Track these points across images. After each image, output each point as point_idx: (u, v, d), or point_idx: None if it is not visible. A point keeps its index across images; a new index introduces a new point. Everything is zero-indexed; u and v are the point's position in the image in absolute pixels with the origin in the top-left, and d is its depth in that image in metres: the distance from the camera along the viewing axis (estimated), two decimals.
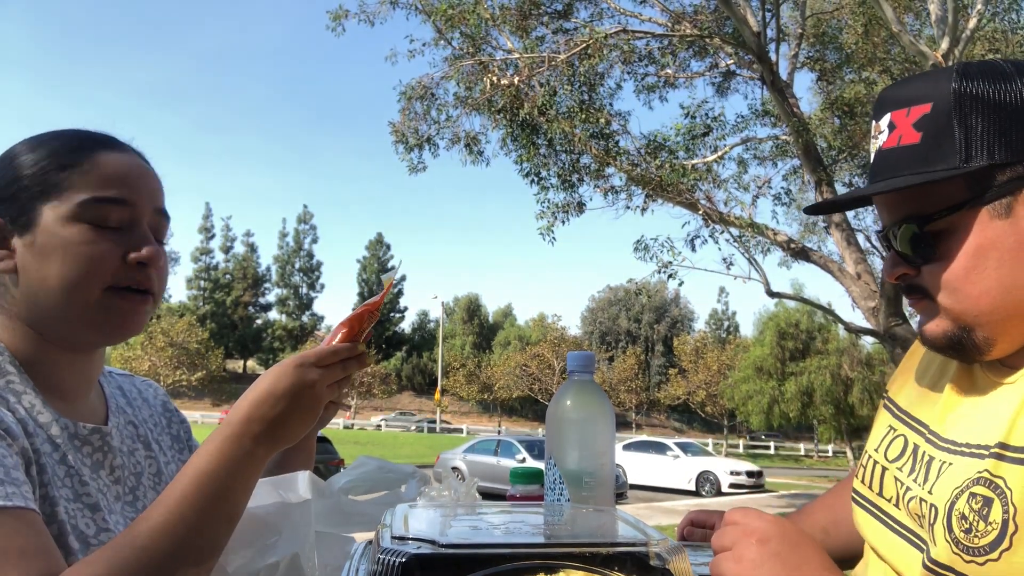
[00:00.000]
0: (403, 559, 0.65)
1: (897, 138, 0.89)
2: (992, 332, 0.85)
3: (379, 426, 53.18)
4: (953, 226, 0.85)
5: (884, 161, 0.90)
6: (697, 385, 48.27)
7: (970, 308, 0.85)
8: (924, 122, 0.86)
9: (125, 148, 1.04)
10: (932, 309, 0.89)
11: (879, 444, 1.01)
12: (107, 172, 0.99)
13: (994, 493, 0.77)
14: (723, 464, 23.46)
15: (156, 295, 1.03)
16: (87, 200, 0.96)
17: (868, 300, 9.40)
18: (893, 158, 0.89)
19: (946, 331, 0.88)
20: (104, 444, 1.02)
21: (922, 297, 0.90)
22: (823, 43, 12.46)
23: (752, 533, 0.83)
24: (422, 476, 1.15)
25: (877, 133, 0.92)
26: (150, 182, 1.04)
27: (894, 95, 0.91)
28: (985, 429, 0.83)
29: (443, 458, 20.52)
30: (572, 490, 1.10)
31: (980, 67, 0.85)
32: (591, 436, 1.13)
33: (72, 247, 0.94)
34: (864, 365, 30.39)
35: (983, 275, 0.84)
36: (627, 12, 11.47)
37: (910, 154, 0.87)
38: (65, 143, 1.00)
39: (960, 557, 0.78)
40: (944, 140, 0.85)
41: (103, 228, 0.96)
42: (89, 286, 0.95)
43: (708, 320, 74.96)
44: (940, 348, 0.90)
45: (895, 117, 0.90)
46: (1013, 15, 11.04)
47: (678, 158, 10.66)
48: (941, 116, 0.85)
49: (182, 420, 1.26)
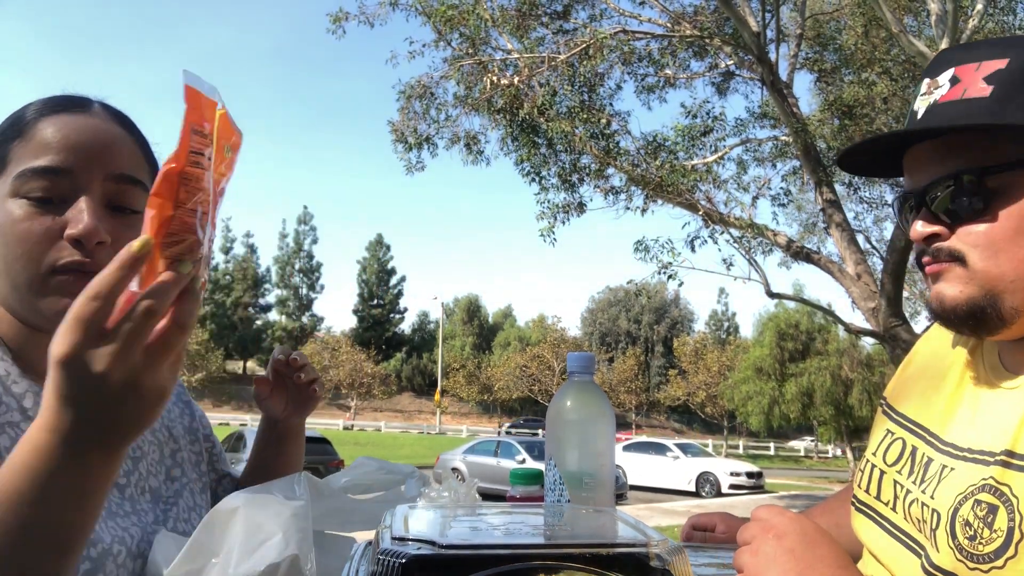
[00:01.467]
0: (403, 560, 0.64)
1: (961, 91, 0.86)
2: (1021, 302, 0.83)
3: (379, 428, 53.20)
4: (1008, 184, 0.83)
5: (941, 113, 0.87)
6: (697, 386, 48.24)
7: (1008, 272, 0.82)
8: (998, 76, 0.84)
9: (85, 110, 0.94)
10: (958, 274, 0.86)
11: (877, 448, 1.01)
12: (44, 139, 0.89)
13: (999, 500, 0.77)
14: (723, 465, 23.45)
15: None
16: (20, 172, 0.88)
17: (868, 301, 9.40)
18: (954, 109, 0.86)
19: (971, 297, 0.85)
20: None
21: (949, 260, 0.87)
22: (822, 44, 12.46)
23: (771, 529, 0.83)
24: (421, 476, 1.15)
25: (933, 89, 0.89)
26: (106, 146, 0.92)
27: (959, 53, 0.89)
28: (989, 435, 0.82)
29: (443, 459, 20.52)
30: (572, 491, 1.10)
31: None
32: (591, 437, 1.13)
33: (10, 225, 0.87)
34: (864, 366, 30.37)
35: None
36: (627, 13, 11.48)
37: (975, 106, 0.84)
38: (19, 113, 0.93)
39: (964, 564, 0.77)
40: (1016, 95, 0.82)
41: (41, 202, 0.88)
42: (29, 267, 0.87)
43: (708, 321, 74.97)
44: (959, 317, 0.87)
45: (960, 71, 0.87)
46: (1010, 16, 11.04)
47: (678, 158, 10.66)
48: (1017, 72, 0.83)
49: (201, 415, 1.24)
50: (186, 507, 1.06)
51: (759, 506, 0.89)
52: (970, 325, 0.87)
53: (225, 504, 0.80)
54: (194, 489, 1.10)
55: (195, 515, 1.06)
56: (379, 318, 74.59)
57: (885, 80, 11.38)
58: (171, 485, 1.05)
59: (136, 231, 0.95)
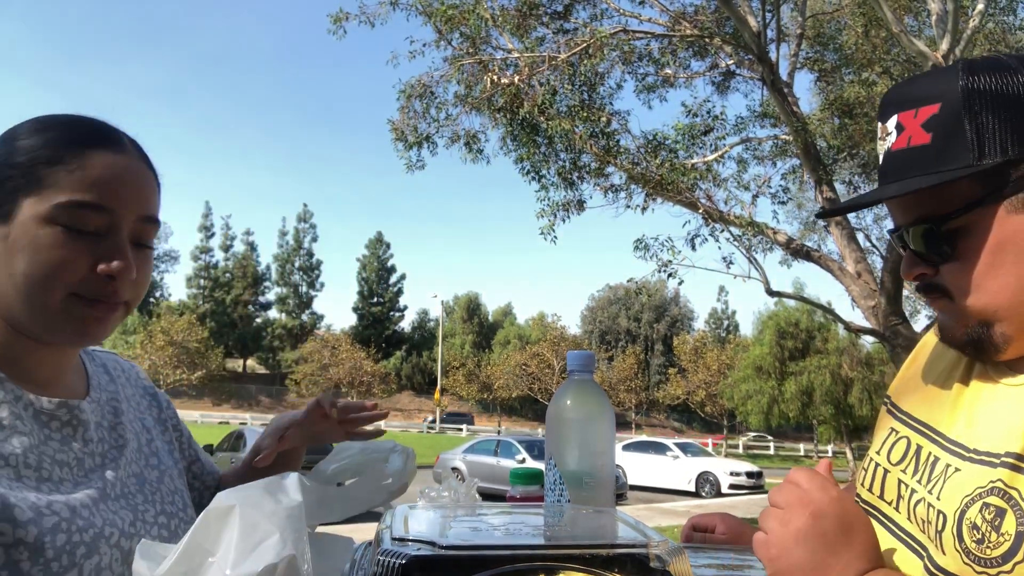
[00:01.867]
0: (403, 560, 0.64)
1: (907, 139, 0.88)
2: (1011, 328, 0.84)
3: (379, 426, 53.13)
4: (970, 224, 0.84)
5: (894, 162, 0.89)
6: (697, 385, 48.26)
7: (990, 304, 0.84)
8: (933, 122, 0.85)
9: (122, 147, 1.00)
10: (951, 308, 0.89)
11: (881, 447, 1.01)
12: (92, 175, 0.95)
13: (1008, 504, 0.76)
14: (723, 465, 23.46)
15: (130, 303, 1.00)
16: (64, 203, 0.93)
17: (868, 299, 9.40)
18: (904, 159, 0.88)
19: (966, 328, 0.87)
20: (73, 418, 1.00)
21: (940, 296, 0.89)
22: (823, 43, 12.46)
23: (809, 504, 0.83)
24: (404, 449, 1.17)
25: (884, 135, 0.92)
26: (140, 188, 1.00)
27: (899, 96, 0.90)
28: (996, 436, 0.82)
29: (443, 458, 20.52)
30: (572, 491, 1.10)
31: (984, 63, 0.84)
32: (591, 436, 1.13)
33: (42, 249, 0.92)
34: (864, 365, 30.35)
35: (1002, 271, 0.83)
36: (627, 13, 11.47)
37: (921, 155, 0.86)
38: (61, 135, 0.97)
39: (971, 568, 0.77)
40: (956, 139, 0.84)
41: (78, 232, 0.93)
42: (51, 290, 0.93)
43: (708, 319, 75.01)
44: (960, 346, 0.90)
45: (903, 119, 0.89)
46: (1011, 16, 11.04)
47: (678, 157, 10.66)
48: (951, 115, 0.84)
49: (168, 403, 1.28)
50: (169, 491, 1.10)
51: (799, 468, 0.89)
52: (971, 352, 0.90)
53: (219, 502, 0.79)
54: (172, 475, 1.15)
55: (178, 498, 1.11)
56: (379, 316, 74.61)
57: (885, 80, 11.37)
58: (152, 471, 1.10)
59: (149, 264, 1.07)
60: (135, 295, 1.01)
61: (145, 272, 1.02)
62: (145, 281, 1.03)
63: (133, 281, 0.98)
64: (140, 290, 1.02)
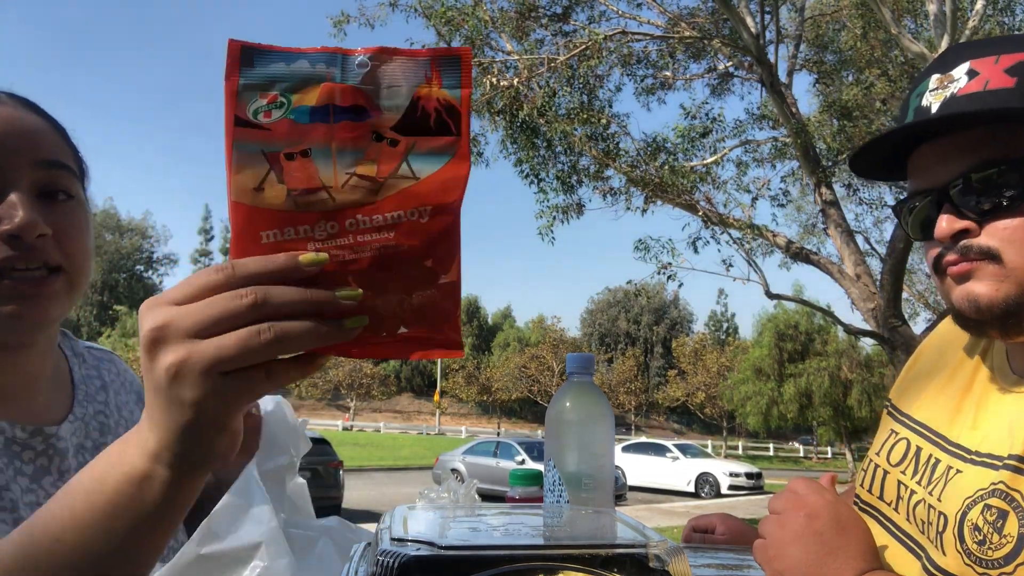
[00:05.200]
0: (402, 560, 0.64)
1: (983, 83, 0.82)
2: None
3: (378, 429, 53.15)
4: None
5: (965, 105, 0.82)
6: (696, 387, 48.24)
7: None
8: (1021, 67, 0.81)
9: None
10: (992, 271, 0.82)
11: (881, 448, 1.01)
12: None
13: (1010, 506, 0.76)
14: (722, 466, 23.47)
15: (66, 267, 0.85)
16: None
17: (867, 302, 9.40)
18: (978, 101, 0.82)
19: (1008, 295, 0.81)
20: (48, 448, 0.88)
21: (979, 257, 0.82)
22: (822, 45, 12.47)
23: (804, 506, 0.84)
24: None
25: (946, 83, 0.85)
26: (24, 134, 0.84)
27: (971, 46, 0.86)
28: (998, 439, 0.81)
29: (442, 460, 20.51)
30: (571, 492, 1.10)
31: None
32: (590, 438, 1.13)
33: None
34: (863, 367, 30.38)
35: None
36: (626, 15, 11.48)
37: (1003, 96, 0.80)
38: None
39: (972, 569, 0.77)
40: None
41: None
42: None
43: (707, 322, 74.97)
44: (994, 316, 0.82)
45: (978, 65, 0.84)
46: (1010, 17, 11.05)
47: (678, 160, 10.67)
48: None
49: None
50: None
51: (797, 478, 0.89)
52: (1003, 325, 0.82)
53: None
54: None
55: None
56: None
57: (884, 81, 11.38)
58: None
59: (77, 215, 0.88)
60: (69, 256, 0.85)
61: (69, 226, 0.86)
62: (78, 237, 0.87)
63: (56, 240, 0.84)
64: (74, 249, 0.86)
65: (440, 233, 0.57)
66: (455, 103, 0.56)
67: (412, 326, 0.57)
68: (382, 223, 0.56)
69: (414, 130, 0.56)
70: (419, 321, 0.57)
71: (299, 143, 0.54)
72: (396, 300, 0.57)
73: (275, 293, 0.52)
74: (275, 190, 0.54)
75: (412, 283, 0.57)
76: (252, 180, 0.54)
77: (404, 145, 0.56)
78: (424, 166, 0.56)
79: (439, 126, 0.56)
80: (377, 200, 0.55)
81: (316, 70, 0.54)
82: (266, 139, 0.54)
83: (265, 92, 0.54)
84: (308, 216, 0.55)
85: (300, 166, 0.54)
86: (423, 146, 0.56)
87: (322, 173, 0.54)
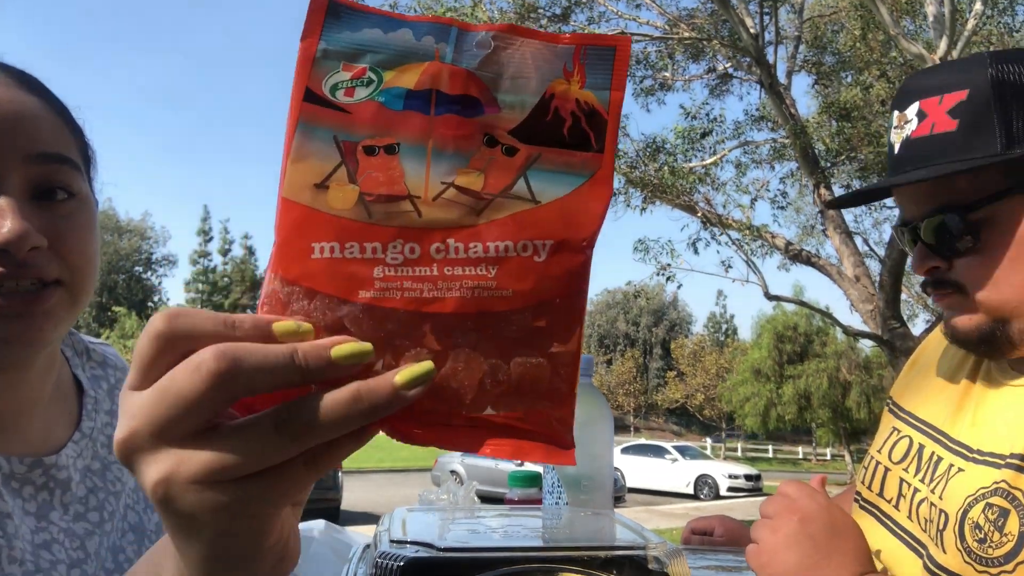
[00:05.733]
0: (401, 563, 0.64)
1: (930, 126, 0.86)
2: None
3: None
4: (993, 216, 0.83)
5: (914, 149, 0.87)
6: (695, 388, 48.25)
7: (1009, 299, 0.83)
8: (960, 109, 0.83)
9: None
10: (963, 303, 0.87)
11: (882, 446, 1.01)
12: None
13: (1011, 505, 0.76)
14: (721, 468, 23.48)
15: (66, 280, 0.73)
16: None
17: (866, 303, 9.40)
18: (925, 146, 0.86)
19: (979, 325, 0.85)
20: (49, 480, 0.76)
21: (952, 291, 0.87)
22: (820, 46, 12.49)
23: (797, 511, 0.83)
24: None
25: (903, 123, 0.89)
26: (14, 121, 0.70)
27: (921, 84, 0.89)
28: (1000, 437, 0.82)
29: (441, 461, 20.50)
30: (570, 493, 1.10)
31: (1012, 55, 0.83)
32: (589, 439, 1.13)
33: None
34: (862, 368, 30.40)
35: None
36: (625, 16, 11.50)
37: (946, 142, 0.84)
38: None
39: (972, 567, 0.77)
40: (983, 127, 0.82)
41: None
42: None
43: (706, 323, 74.99)
44: (971, 343, 0.88)
45: (926, 105, 0.87)
46: (1009, 18, 11.06)
47: (677, 160, 10.69)
48: (979, 103, 0.82)
49: None
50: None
51: (787, 481, 0.89)
52: (982, 349, 0.88)
53: None
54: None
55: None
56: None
57: (883, 83, 11.39)
58: (152, 515, 0.88)
59: (79, 217, 0.74)
60: (69, 265, 0.73)
61: (69, 231, 0.73)
62: (80, 243, 0.74)
63: (53, 249, 0.71)
64: (74, 257, 0.73)
65: (560, 280, 0.43)
66: (601, 109, 0.43)
67: (504, 408, 0.42)
68: (481, 256, 0.42)
69: (541, 138, 0.43)
70: (516, 402, 0.42)
71: (386, 134, 0.42)
72: (486, 367, 0.42)
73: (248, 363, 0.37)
74: (344, 191, 0.42)
75: (512, 346, 0.42)
76: (315, 174, 0.42)
77: (524, 156, 0.43)
78: (549, 187, 0.43)
79: (576, 136, 0.43)
80: (479, 223, 0.42)
81: (421, 44, 0.42)
82: (344, 124, 0.42)
83: (351, 63, 0.42)
84: (382, 231, 0.41)
85: (383, 164, 0.42)
86: (551, 160, 0.43)
87: (410, 177, 0.42)
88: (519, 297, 0.42)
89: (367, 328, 0.41)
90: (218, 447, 0.37)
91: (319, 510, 7.53)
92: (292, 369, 0.37)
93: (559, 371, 0.43)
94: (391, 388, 0.38)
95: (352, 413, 0.38)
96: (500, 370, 0.42)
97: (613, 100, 0.43)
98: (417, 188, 0.42)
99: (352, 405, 0.38)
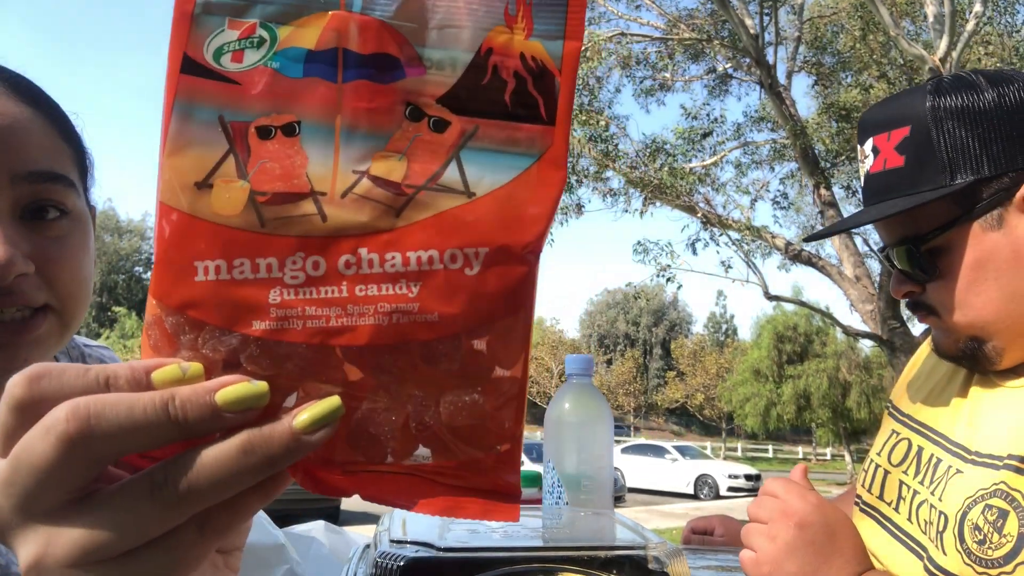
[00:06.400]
0: (401, 563, 0.64)
1: (882, 162, 0.90)
2: (1002, 341, 0.86)
3: None
4: (948, 243, 0.86)
5: (873, 185, 0.92)
6: (695, 388, 48.24)
7: (976, 320, 0.86)
8: (906, 144, 0.87)
9: None
10: (940, 324, 0.91)
11: (882, 448, 1.01)
12: None
13: (1010, 506, 0.77)
14: (721, 467, 23.48)
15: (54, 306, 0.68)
16: None
17: (866, 303, 9.40)
18: (881, 182, 0.90)
19: (957, 343, 0.89)
20: None
21: (929, 313, 0.91)
22: (820, 47, 12.49)
23: (792, 515, 0.83)
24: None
25: (863, 158, 0.94)
26: (2, 139, 0.65)
27: (873, 119, 0.93)
28: (999, 439, 0.82)
29: None
30: (570, 493, 1.10)
31: (952, 82, 0.86)
32: (589, 439, 1.13)
33: None
34: (862, 368, 30.39)
35: (984, 287, 0.85)
36: (625, 16, 11.50)
37: (896, 177, 0.88)
38: None
39: (972, 568, 0.77)
40: (927, 161, 0.86)
41: None
42: None
43: (706, 324, 74.98)
44: (954, 359, 0.92)
45: (877, 142, 0.91)
46: (1009, 18, 11.06)
47: (677, 161, 10.69)
48: (921, 137, 0.86)
49: None
50: None
51: (772, 479, 0.89)
52: (966, 365, 0.92)
53: None
54: None
55: None
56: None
57: (883, 83, 11.39)
58: None
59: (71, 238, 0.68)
60: (59, 291, 0.68)
61: (60, 253, 0.68)
62: (72, 266, 0.69)
63: (42, 274, 0.66)
64: (65, 281, 0.68)
65: (498, 298, 0.34)
66: (552, 66, 0.34)
67: (436, 456, 0.35)
68: (400, 270, 0.33)
69: (477, 106, 0.34)
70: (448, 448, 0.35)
71: (284, 110, 0.33)
72: (410, 408, 0.34)
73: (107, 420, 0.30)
74: (231, 191, 0.33)
75: (441, 380, 0.34)
76: (196, 168, 0.33)
77: (457, 131, 0.34)
78: (486, 173, 0.34)
79: (520, 104, 0.34)
80: (398, 226, 0.33)
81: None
82: (231, 99, 0.33)
83: (238, 19, 0.33)
84: (278, 243, 0.33)
85: (280, 151, 0.33)
86: (489, 136, 0.34)
87: (314, 167, 0.33)
88: (447, 322, 0.33)
89: (266, 367, 0.33)
90: (90, 521, 0.31)
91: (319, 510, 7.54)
92: (165, 424, 0.31)
93: (501, 407, 0.35)
94: (289, 434, 0.31)
95: (242, 468, 0.31)
96: (427, 411, 0.34)
97: (567, 52, 0.34)
98: (323, 182, 0.33)
99: (242, 459, 0.31)
